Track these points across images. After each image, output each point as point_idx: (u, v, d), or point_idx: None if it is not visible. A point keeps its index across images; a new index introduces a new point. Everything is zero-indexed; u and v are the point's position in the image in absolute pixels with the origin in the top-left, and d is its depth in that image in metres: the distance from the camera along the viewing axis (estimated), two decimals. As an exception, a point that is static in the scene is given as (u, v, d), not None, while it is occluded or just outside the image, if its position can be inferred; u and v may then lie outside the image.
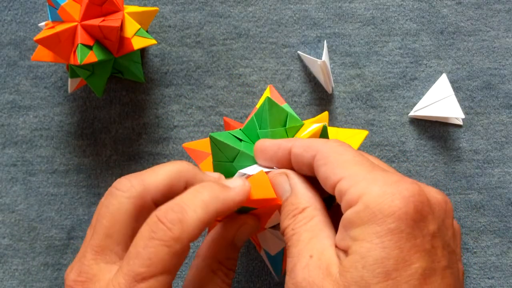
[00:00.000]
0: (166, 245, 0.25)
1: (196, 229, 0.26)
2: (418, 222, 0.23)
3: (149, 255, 0.25)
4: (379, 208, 0.23)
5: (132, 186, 0.27)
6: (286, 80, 0.43)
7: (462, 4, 0.43)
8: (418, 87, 0.43)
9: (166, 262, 0.25)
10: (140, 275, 0.25)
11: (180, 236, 0.25)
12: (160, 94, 0.43)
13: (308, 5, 0.43)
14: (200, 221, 0.26)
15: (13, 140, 0.43)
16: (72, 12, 0.36)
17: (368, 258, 0.23)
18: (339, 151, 0.27)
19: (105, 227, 0.27)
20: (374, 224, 0.23)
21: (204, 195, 0.27)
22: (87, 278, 0.26)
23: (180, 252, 0.25)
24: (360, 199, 0.24)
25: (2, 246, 0.42)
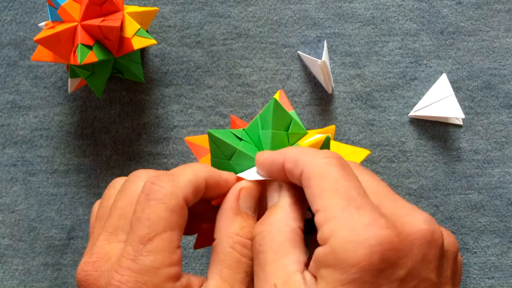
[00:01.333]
0: (161, 203, 0.26)
1: (187, 186, 0.27)
2: (383, 271, 0.23)
3: (148, 216, 0.26)
4: (344, 256, 0.23)
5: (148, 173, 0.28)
6: (286, 80, 0.43)
7: (462, 4, 0.43)
8: (418, 87, 0.43)
9: (166, 219, 0.26)
10: (144, 237, 0.25)
11: (173, 191, 0.26)
12: (160, 94, 0.43)
13: (308, 5, 0.43)
14: (190, 181, 0.27)
15: (13, 140, 0.43)
16: (72, 12, 0.36)
17: None
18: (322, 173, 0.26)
19: (120, 207, 0.28)
20: (338, 270, 0.23)
21: (194, 165, 0.28)
22: (98, 257, 0.27)
23: (177, 208, 0.26)
24: (328, 241, 0.24)
25: (2, 246, 0.42)
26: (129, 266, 0.25)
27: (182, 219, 0.27)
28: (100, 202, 0.30)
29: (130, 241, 0.26)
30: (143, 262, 0.25)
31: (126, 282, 0.25)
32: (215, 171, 0.29)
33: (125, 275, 0.25)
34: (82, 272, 0.27)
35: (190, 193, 0.27)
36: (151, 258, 0.25)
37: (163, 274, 0.25)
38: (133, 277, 0.25)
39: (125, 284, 0.25)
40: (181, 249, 0.27)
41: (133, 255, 0.25)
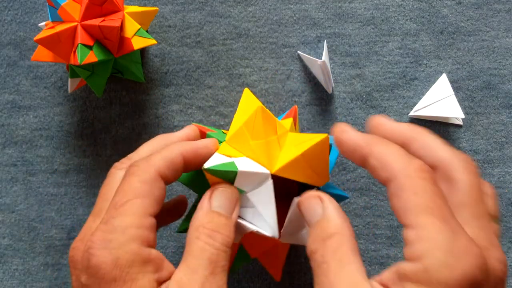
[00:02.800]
0: (135, 176, 0.29)
1: (160, 161, 0.29)
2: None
3: (123, 187, 0.28)
4: (436, 276, 0.24)
5: (121, 162, 0.32)
6: (286, 80, 0.43)
7: (462, 4, 0.43)
8: (418, 87, 0.43)
9: (138, 188, 0.28)
10: (117, 203, 0.28)
11: (146, 167, 0.29)
12: (160, 94, 0.43)
13: (308, 5, 0.43)
14: (163, 157, 0.29)
15: (13, 140, 0.43)
16: (72, 12, 0.36)
17: None
18: (416, 188, 0.26)
19: (103, 194, 0.30)
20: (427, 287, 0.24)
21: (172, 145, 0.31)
22: (84, 234, 0.29)
23: (149, 180, 0.28)
24: (421, 259, 0.24)
25: (2, 246, 0.42)
26: (101, 228, 0.27)
27: (157, 191, 0.29)
28: None
29: (107, 209, 0.28)
30: (112, 222, 0.27)
31: (96, 240, 0.27)
32: (190, 143, 0.31)
33: (96, 235, 0.27)
34: (71, 250, 0.29)
35: (164, 167, 0.29)
36: (119, 219, 0.27)
37: (129, 233, 0.27)
38: (101, 236, 0.27)
39: (94, 242, 0.27)
40: (154, 220, 0.28)
41: (105, 219, 0.27)
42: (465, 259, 0.24)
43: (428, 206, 0.25)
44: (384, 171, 0.27)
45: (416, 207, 0.25)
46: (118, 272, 0.26)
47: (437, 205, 0.25)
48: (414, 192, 0.25)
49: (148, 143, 0.33)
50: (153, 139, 0.34)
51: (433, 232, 0.25)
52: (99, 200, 0.30)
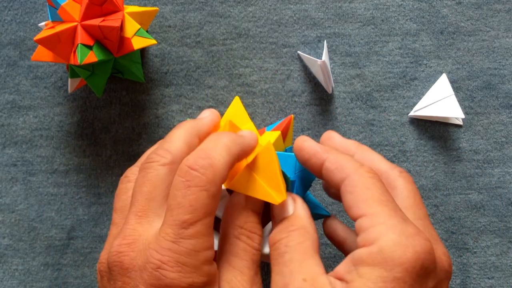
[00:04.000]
0: (204, 190, 0.27)
1: (225, 170, 0.28)
2: (420, 277, 0.25)
3: (191, 202, 0.27)
4: (391, 256, 0.25)
5: (161, 156, 0.30)
6: (286, 80, 0.43)
7: (462, 4, 0.43)
8: (418, 87, 0.43)
9: (208, 205, 0.27)
10: (186, 222, 0.27)
11: (214, 178, 0.27)
12: (160, 94, 0.43)
13: (308, 5, 0.43)
14: (227, 163, 0.28)
15: (13, 140, 0.43)
16: (72, 12, 0.36)
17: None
18: (368, 184, 0.28)
19: (147, 192, 0.29)
20: (383, 268, 0.25)
21: (224, 140, 0.29)
22: (133, 239, 0.28)
23: (216, 194, 0.28)
24: (376, 241, 0.26)
25: (2, 246, 0.42)
26: (170, 247, 0.26)
27: (218, 201, 0.28)
28: (117, 196, 0.32)
29: (170, 223, 0.27)
30: (184, 245, 0.26)
31: (167, 261, 0.26)
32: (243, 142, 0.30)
33: (166, 255, 0.26)
34: (117, 253, 0.28)
35: (227, 175, 0.29)
36: (192, 242, 0.27)
37: (202, 256, 0.27)
38: (173, 257, 0.26)
39: (165, 263, 0.26)
40: (214, 232, 0.28)
41: (173, 238, 0.27)
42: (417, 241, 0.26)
43: (379, 198, 0.27)
44: (339, 172, 0.29)
45: (369, 199, 0.27)
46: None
47: (387, 198, 0.27)
48: (367, 188, 0.28)
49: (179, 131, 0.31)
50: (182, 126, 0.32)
51: (386, 218, 0.26)
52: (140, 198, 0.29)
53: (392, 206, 0.27)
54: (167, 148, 0.30)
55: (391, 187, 0.30)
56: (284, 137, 0.35)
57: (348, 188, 0.28)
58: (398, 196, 0.30)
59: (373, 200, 0.27)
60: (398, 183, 0.30)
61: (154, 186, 0.29)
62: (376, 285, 0.25)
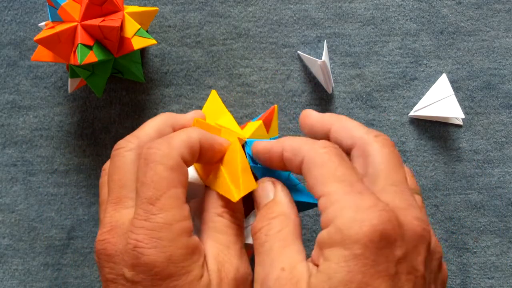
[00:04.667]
0: (160, 163, 0.27)
1: (182, 145, 0.28)
2: (382, 249, 0.25)
3: (151, 178, 0.27)
4: (348, 234, 0.25)
5: (128, 141, 0.31)
6: (286, 80, 0.43)
7: (462, 4, 0.43)
8: (418, 87, 0.43)
9: (168, 177, 0.27)
10: (151, 198, 0.27)
11: (169, 151, 0.28)
12: (160, 94, 0.43)
13: (308, 5, 0.43)
14: (184, 141, 0.29)
15: (13, 140, 0.43)
16: (72, 12, 0.36)
17: (334, 280, 0.24)
18: (323, 161, 0.27)
19: (117, 179, 0.30)
20: (342, 248, 0.25)
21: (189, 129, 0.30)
22: (111, 226, 0.28)
23: (176, 166, 0.28)
24: (333, 221, 0.25)
25: (2, 246, 0.42)
26: (143, 225, 0.27)
27: (183, 176, 0.28)
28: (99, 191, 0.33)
29: (139, 203, 0.27)
30: (155, 220, 0.27)
31: (142, 239, 0.27)
32: (209, 134, 0.31)
33: (141, 234, 0.27)
34: (100, 242, 0.28)
35: (186, 152, 0.29)
36: (162, 215, 0.27)
37: (176, 228, 0.27)
38: (148, 234, 0.27)
39: (141, 241, 0.27)
40: (187, 205, 0.28)
41: (144, 216, 0.27)
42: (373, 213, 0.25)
43: (334, 174, 0.27)
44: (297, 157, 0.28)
45: (325, 178, 0.27)
46: (173, 268, 0.27)
47: (343, 173, 0.27)
48: (322, 165, 0.27)
49: (153, 120, 0.32)
50: (158, 116, 0.33)
51: (341, 194, 0.26)
52: (113, 186, 0.30)
53: (348, 180, 0.27)
54: (135, 134, 0.31)
55: (365, 154, 0.29)
56: (268, 127, 0.35)
57: (305, 170, 0.28)
58: (372, 162, 0.28)
59: (328, 178, 0.27)
60: (372, 147, 0.29)
61: (123, 173, 0.30)
62: (338, 265, 0.24)
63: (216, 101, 0.36)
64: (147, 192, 0.27)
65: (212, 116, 0.35)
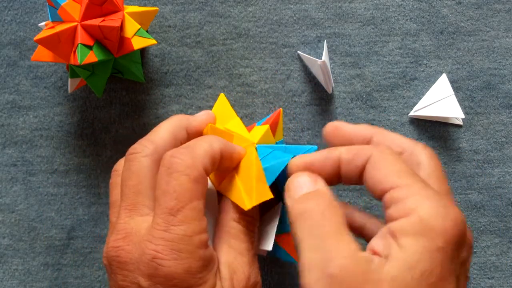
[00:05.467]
0: (184, 174, 0.27)
1: (205, 156, 0.28)
2: (459, 248, 0.25)
3: (174, 188, 0.27)
4: (432, 225, 0.24)
5: (144, 146, 0.30)
6: (286, 80, 0.43)
7: (462, 4, 0.43)
8: (418, 87, 0.43)
9: (191, 189, 0.27)
10: (173, 209, 0.27)
11: (193, 162, 0.28)
12: (160, 94, 0.43)
13: (308, 5, 0.43)
14: (207, 151, 0.29)
15: (13, 140, 0.43)
16: (72, 12, 0.36)
17: (416, 269, 0.24)
18: (392, 160, 0.27)
19: (133, 185, 0.29)
20: (425, 238, 0.24)
21: (210, 138, 0.30)
22: (126, 233, 0.28)
23: (199, 178, 0.28)
24: (415, 211, 0.25)
25: (2, 246, 0.42)
26: (162, 236, 0.27)
27: (204, 188, 0.29)
28: (110, 191, 0.32)
29: (159, 213, 0.27)
30: (175, 231, 0.27)
31: (161, 250, 0.26)
32: (229, 143, 0.31)
33: (160, 245, 0.27)
34: (113, 248, 0.28)
35: (208, 163, 0.29)
36: (183, 228, 0.27)
37: (195, 241, 0.27)
38: (167, 245, 0.26)
39: (160, 252, 0.26)
40: (205, 217, 0.28)
41: (164, 226, 0.27)
42: (453, 211, 0.25)
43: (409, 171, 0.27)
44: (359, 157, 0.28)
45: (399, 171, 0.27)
46: (191, 279, 0.27)
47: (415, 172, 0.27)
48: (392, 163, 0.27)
49: (167, 123, 0.32)
50: (171, 119, 0.33)
51: (421, 188, 0.26)
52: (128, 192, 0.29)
53: (421, 179, 0.27)
54: (151, 138, 0.31)
55: (415, 163, 0.29)
56: (273, 131, 0.35)
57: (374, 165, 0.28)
58: (422, 171, 0.29)
59: (404, 172, 0.27)
60: (422, 158, 0.29)
61: (140, 179, 0.29)
62: (421, 255, 0.24)
63: (224, 105, 0.36)
64: (169, 202, 0.27)
65: (220, 120, 0.35)
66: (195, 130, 0.33)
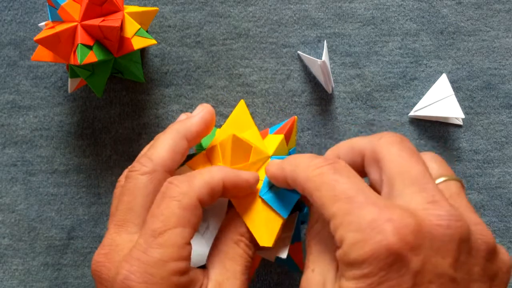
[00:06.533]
0: (175, 200, 0.27)
1: (202, 187, 0.28)
2: (392, 265, 0.24)
3: (162, 211, 0.27)
4: (354, 256, 0.24)
5: (142, 164, 0.30)
6: (286, 80, 0.43)
7: (462, 4, 0.43)
8: (418, 87, 0.43)
9: (179, 215, 0.27)
10: (156, 231, 0.27)
11: (188, 191, 0.28)
12: (160, 94, 0.43)
13: (308, 5, 0.43)
14: (206, 182, 0.29)
15: (13, 140, 0.43)
16: (72, 12, 0.36)
17: None
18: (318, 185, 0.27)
19: (126, 202, 0.29)
20: (353, 268, 0.24)
21: (214, 168, 0.30)
22: (110, 249, 0.28)
23: (190, 206, 0.28)
24: (342, 244, 0.25)
25: (2, 246, 0.42)
26: (139, 257, 0.27)
27: (195, 217, 0.28)
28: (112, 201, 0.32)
29: (143, 233, 0.27)
30: (152, 254, 0.26)
31: (135, 272, 0.26)
32: (233, 172, 0.30)
33: (134, 265, 0.26)
34: (95, 262, 0.28)
35: (205, 193, 0.28)
36: (160, 251, 0.27)
37: (170, 267, 0.27)
38: (141, 267, 0.26)
39: (133, 274, 0.26)
40: (191, 246, 0.28)
41: (144, 247, 0.27)
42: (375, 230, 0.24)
43: (333, 195, 0.26)
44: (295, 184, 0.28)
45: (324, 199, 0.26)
46: None
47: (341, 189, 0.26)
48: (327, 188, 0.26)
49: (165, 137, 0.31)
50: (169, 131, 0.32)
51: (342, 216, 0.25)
52: (120, 208, 0.30)
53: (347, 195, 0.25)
54: (150, 155, 0.31)
55: (375, 161, 0.28)
56: (287, 139, 0.35)
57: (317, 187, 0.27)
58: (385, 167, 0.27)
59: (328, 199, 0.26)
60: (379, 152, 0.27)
61: (133, 196, 0.29)
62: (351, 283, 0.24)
63: (243, 112, 0.35)
64: (153, 224, 0.27)
65: (237, 128, 0.34)
66: (196, 134, 0.32)
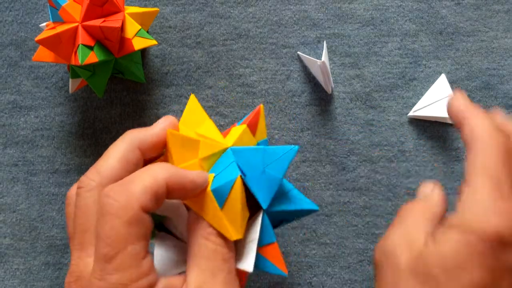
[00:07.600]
0: (116, 217, 0.25)
1: (144, 194, 0.26)
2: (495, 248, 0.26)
3: (106, 233, 0.25)
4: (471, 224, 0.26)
5: (89, 179, 0.28)
6: (286, 80, 0.43)
7: (461, 5, 0.43)
8: (417, 88, 0.43)
9: (124, 234, 0.25)
10: (107, 255, 0.25)
11: (127, 203, 0.25)
12: (161, 95, 0.43)
13: (307, 5, 0.43)
14: (147, 187, 0.26)
15: (14, 140, 0.43)
16: (73, 13, 0.36)
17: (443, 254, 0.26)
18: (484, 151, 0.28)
19: (80, 223, 0.27)
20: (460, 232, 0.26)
21: (155, 168, 0.27)
22: (76, 277, 0.27)
23: (134, 220, 0.25)
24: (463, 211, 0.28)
25: (4, 246, 0.42)
26: (98, 285, 0.25)
27: (143, 228, 0.26)
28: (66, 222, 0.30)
29: (96, 259, 0.26)
30: (110, 280, 0.25)
31: None
32: (179, 172, 0.28)
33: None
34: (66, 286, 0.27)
35: (148, 200, 0.26)
36: (116, 277, 0.25)
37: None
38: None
39: None
40: (150, 256, 0.27)
41: (99, 275, 0.25)
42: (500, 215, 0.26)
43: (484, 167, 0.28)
44: None
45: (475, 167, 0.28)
46: None
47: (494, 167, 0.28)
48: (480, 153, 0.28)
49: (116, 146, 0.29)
50: (121, 140, 0.30)
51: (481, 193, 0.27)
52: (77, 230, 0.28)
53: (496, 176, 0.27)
54: (98, 168, 0.28)
55: None
56: (253, 130, 0.33)
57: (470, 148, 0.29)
58: None
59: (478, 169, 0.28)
60: None
61: (86, 216, 0.27)
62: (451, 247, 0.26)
63: (195, 107, 0.32)
64: (103, 249, 0.25)
65: (192, 124, 0.32)
66: (152, 145, 0.30)
